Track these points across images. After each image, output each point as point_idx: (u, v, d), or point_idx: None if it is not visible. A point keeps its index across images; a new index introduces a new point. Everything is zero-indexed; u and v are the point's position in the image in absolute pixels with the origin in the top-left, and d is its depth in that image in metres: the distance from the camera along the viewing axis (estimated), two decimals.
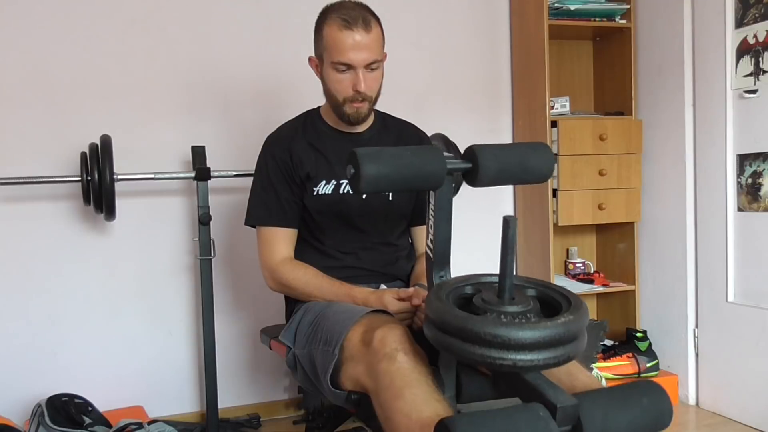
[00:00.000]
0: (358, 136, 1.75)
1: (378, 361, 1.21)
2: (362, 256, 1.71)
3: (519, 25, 2.79)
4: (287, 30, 2.53)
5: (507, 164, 1.26)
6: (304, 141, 1.71)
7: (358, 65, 1.56)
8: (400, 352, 1.19)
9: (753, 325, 2.33)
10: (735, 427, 2.38)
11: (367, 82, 1.59)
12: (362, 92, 1.59)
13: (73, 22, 2.31)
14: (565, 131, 2.61)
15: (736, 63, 2.36)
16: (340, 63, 1.57)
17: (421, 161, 1.19)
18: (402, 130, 1.82)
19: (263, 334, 1.91)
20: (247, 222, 1.74)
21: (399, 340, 1.22)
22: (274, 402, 2.58)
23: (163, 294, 2.45)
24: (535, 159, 1.29)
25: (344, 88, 1.60)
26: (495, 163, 1.24)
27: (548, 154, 1.32)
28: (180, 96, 2.44)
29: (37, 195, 2.30)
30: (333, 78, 1.60)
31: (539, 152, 1.30)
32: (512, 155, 1.28)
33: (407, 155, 1.18)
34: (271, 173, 1.70)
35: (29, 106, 2.28)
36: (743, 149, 2.36)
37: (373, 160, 1.15)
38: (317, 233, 1.71)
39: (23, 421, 2.19)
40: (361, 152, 1.15)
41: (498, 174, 1.24)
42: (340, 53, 1.55)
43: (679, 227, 2.60)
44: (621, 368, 2.60)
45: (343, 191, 1.68)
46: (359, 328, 1.35)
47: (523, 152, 1.29)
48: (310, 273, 1.64)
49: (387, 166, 1.15)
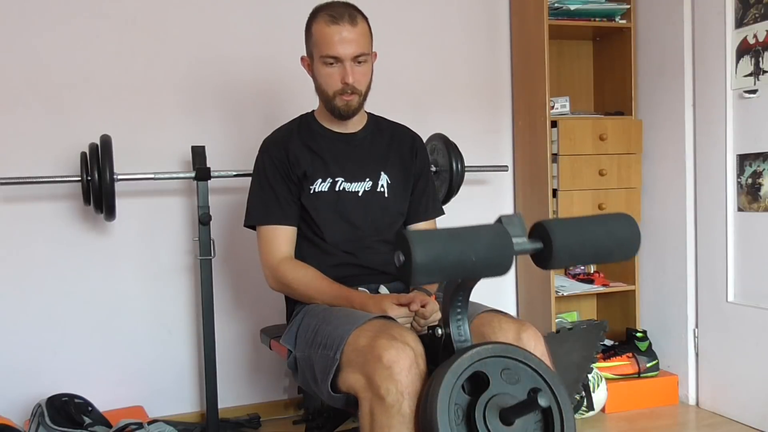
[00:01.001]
0: (352, 136, 1.78)
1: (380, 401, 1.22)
2: (361, 255, 1.71)
3: (519, 25, 2.79)
4: (287, 30, 2.52)
5: (586, 243, 1.09)
6: (299, 141, 1.74)
7: (346, 58, 1.62)
8: (405, 401, 1.20)
9: (753, 325, 2.33)
10: (735, 427, 2.38)
11: (355, 75, 1.64)
12: (351, 84, 1.64)
13: (73, 22, 2.31)
14: (565, 131, 2.61)
15: (736, 63, 2.36)
16: (328, 56, 1.63)
17: (485, 245, 1.02)
18: (395, 132, 1.86)
19: (263, 334, 1.92)
20: (247, 222, 1.76)
21: (406, 382, 1.21)
22: (274, 402, 2.58)
23: (163, 294, 2.45)
24: (619, 235, 1.12)
25: (334, 82, 1.65)
26: (571, 241, 1.07)
27: (634, 227, 1.13)
28: (180, 96, 2.44)
29: (37, 195, 2.30)
30: (323, 72, 1.66)
31: (623, 226, 1.13)
32: (591, 231, 1.10)
33: (466, 237, 1.02)
34: (268, 173, 1.72)
35: (29, 106, 2.28)
36: (743, 149, 2.36)
37: (427, 246, 0.99)
38: (317, 231, 1.72)
39: (23, 421, 2.19)
40: (413, 237, 0.99)
41: (575, 254, 1.08)
42: (327, 47, 1.62)
43: (679, 227, 2.60)
44: (621, 368, 2.60)
45: (339, 189, 1.71)
46: (360, 334, 1.35)
47: (603, 227, 1.12)
48: (311, 274, 1.64)
49: (444, 253, 0.99)
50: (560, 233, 1.06)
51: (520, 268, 2.86)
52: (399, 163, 1.80)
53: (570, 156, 2.62)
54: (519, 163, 2.84)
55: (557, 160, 2.61)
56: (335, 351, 1.37)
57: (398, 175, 1.79)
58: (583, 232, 1.08)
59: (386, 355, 1.23)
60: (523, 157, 2.81)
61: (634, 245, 1.12)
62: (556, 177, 2.62)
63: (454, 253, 0.99)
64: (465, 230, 1.03)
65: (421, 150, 1.87)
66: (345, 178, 1.73)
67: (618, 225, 1.12)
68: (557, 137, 2.61)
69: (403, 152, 1.82)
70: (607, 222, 1.12)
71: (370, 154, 1.78)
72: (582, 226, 1.09)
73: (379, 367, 1.22)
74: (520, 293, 2.88)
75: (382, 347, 1.25)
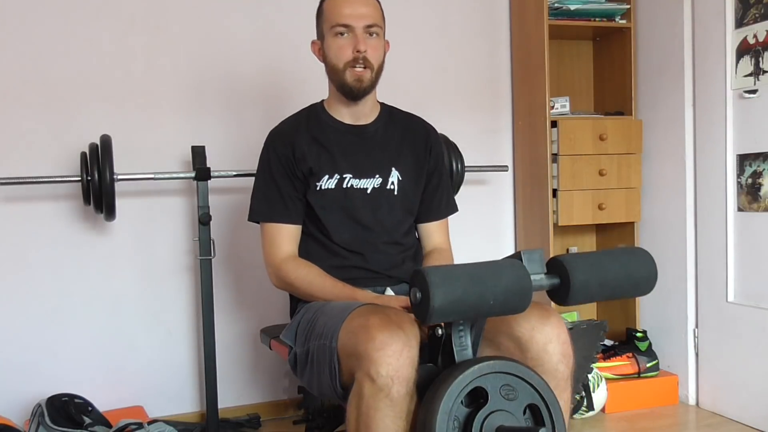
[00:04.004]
0: (363, 128, 1.72)
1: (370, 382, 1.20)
2: (369, 257, 1.67)
3: (519, 25, 2.79)
4: (287, 30, 2.53)
5: (604, 282, 1.08)
6: (307, 135, 1.68)
7: (357, 25, 1.58)
8: (395, 385, 1.18)
9: (753, 325, 2.33)
10: (735, 427, 2.38)
11: (368, 46, 1.59)
12: (362, 53, 1.59)
13: (73, 22, 2.31)
14: (565, 131, 2.61)
15: (736, 63, 2.36)
16: (338, 25, 1.59)
17: (504, 287, 1.02)
18: (409, 124, 1.79)
19: (263, 334, 1.91)
20: (251, 218, 1.72)
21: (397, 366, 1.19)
22: (274, 402, 2.58)
23: (163, 294, 2.45)
24: (636, 275, 1.11)
25: (344, 53, 1.60)
26: (590, 281, 1.06)
27: (650, 262, 1.13)
28: (180, 96, 2.44)
29: (37, 195, 2.30)
30: (334, 45, 1.61)
31: (641, 264, 1.12)
32: (609, 270, 1.09)
33: (487, 279, 1.01)
34: (273, 168, 1.68)
35: (29, 106, 2.28)
36: (743, 149, 2.36)
37: (446, 290, 0.98)
38: (323, 230, 1.68)
39: (23, 421, 2.19)
40: (432, 278, 0.98)
41: (592, 293, 1.07)
42: (339, 16, 1.59)
43: (679, 227, 2.60)
44: (621, 368, 2.60)
45: (347, 186, 1.66)
46: (354, 316, 1.32)
47: (620, 262, 1.11)
48: (314, 272, 1.61)
49: (463, 296, 0.99)
50: (579, 269, 1.05)
51: None
52: (412, 159, 1.74)
53: (570, 156, 2.62)
54: (519, 163, 2.85)
55: (557, 160, 2.61)
56: (331, 339, 1.35)
57: (410, 171, 1.73)
58: (600, 271, 1.08)
59: (379, 336, 1.21)
60: (523, 157, 2.81)
61: (650, 283, 1.12)
62: (556, 177, 2.62)
63: (472, 297, 0.99)
64: (485, 271, 1.02)
65: (436, 144, 1.80)
66: (353, 174, 1.67)
67: (635, 263, 1.11)
68: (557, 137, 2.61)
69: (416, 147, 1.76)
70: (625, 259, 1.11)
71: (382, 148, 1.71)
72: (600, 264, 1.08)
73: (371, 348, 1.20)
74: None
75: (375, 328, 1.23)
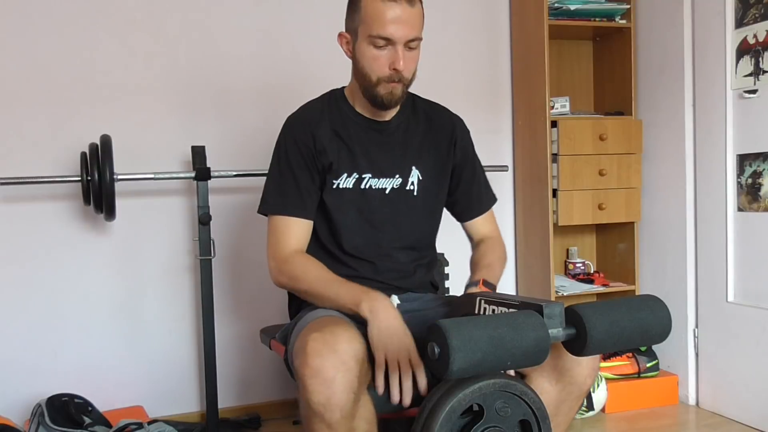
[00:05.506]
0: (386, 124, 1.60)
1: (307, 405, 1.17)
2: (379, 265, 1.57)
3: (519, 25, 2.79)
4: (287, 30, 2.53)
5: (621, 336, 1.09)
6: (328, 127, 1.56)
7: (399, 41, 1.44)
8: (328, 412, 1.15)
9: (753, 325, 2.33)
10: (735, 427, 2.38)
11: (405, 61, 1.46)
12: (400, 71, 1.46)
13: (72, 22, 2.31)
14: (565, 131, 2.61)
15: (736, 63, 2.36)
16: (379, 37, 1.43)
17: (524, 349, 1.02)
18: (433, 116, 1.67)
19: (263, 334, 1.91)
20: (262, 210, 1.59)
21: (328, 394, 1.14)
22: (274, 402, 2.58)
23: (163, 294, 2.45)
24: (652, 327, 1.13)
25: (380, 66, 1.46)
26: (606, 337, 1.07)
27: (665, 311, 1.15)
28: (180, 96, 2.44)
29: (37, 195, 2.30)
30: (369, 54, 1.47)
31: (656, 316, 1.13)
32: (626, 325, 1.10)
33: (508, 342, 1.01)
34: (291, 157, 1.54)
35: (29, 106, 2.28)
36: (743, 149, 2.36)
37: (466, 354, 0.97)
38: (334, 234, 1.57)
39: (23, 421, 2.19)
40: (452, 340, 0.97)
41: (607, 344, 1.08)
42: (380, 26, 1.42)
43: (679, 227, 2.60)
44: (621, 368, 2.60)
45: (365, 186, 1.56)
46: (303, 334, 1.25)
47: (637, 319, 1.12)
48: (323, 269, 1.49)
49: (482, 359, 0.99)
50: (596, 330, 1.06)
51: (520, 267, 2.86)
52: (434, 156, 1.63)
53: (570, 156, 2.62)
54: (519, 163, 2.85)
55: (557, 160, 2.61)
56: (291, 351, 1.31)
57: (431, 170, 1.62)
58: (617, 328, 1.09)
59: (311, 362, 1.16)
60: (523, 157, 2.81)
61: (665, 333, 1.15)
62: (556, 177, 2.62)
63: (491, 359, 1.00)
64: (506, 332, 1.01)
65: (462, 136, 1.68)
66: (372, 174, 1.56)
67: (651, 318, 1.13)
68: (557, 137, 2.61)
69: (439, 143, 1.64)
70: (642, 315, 1.13)
71: (403, 145, 1.60)
72: (618, 323, 1.09)
73: (304, 375, 1.17)
74: (521, 293, 2.88)
75: (309, 353, 1.18)
